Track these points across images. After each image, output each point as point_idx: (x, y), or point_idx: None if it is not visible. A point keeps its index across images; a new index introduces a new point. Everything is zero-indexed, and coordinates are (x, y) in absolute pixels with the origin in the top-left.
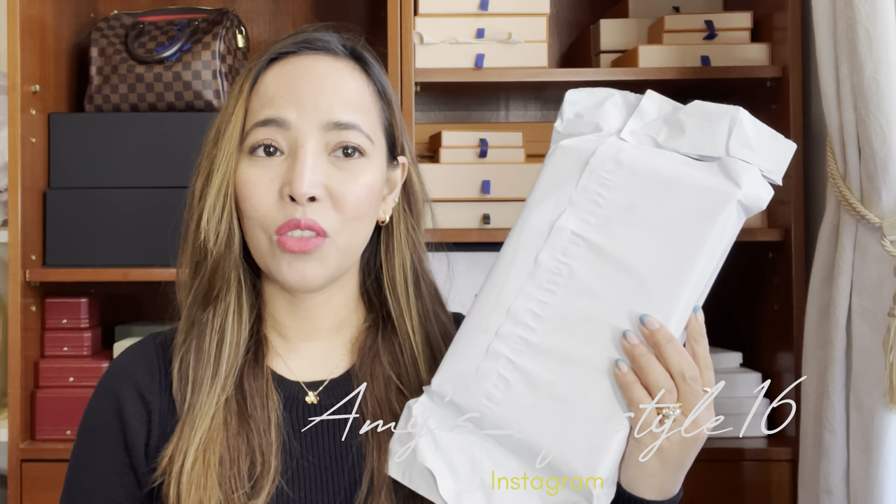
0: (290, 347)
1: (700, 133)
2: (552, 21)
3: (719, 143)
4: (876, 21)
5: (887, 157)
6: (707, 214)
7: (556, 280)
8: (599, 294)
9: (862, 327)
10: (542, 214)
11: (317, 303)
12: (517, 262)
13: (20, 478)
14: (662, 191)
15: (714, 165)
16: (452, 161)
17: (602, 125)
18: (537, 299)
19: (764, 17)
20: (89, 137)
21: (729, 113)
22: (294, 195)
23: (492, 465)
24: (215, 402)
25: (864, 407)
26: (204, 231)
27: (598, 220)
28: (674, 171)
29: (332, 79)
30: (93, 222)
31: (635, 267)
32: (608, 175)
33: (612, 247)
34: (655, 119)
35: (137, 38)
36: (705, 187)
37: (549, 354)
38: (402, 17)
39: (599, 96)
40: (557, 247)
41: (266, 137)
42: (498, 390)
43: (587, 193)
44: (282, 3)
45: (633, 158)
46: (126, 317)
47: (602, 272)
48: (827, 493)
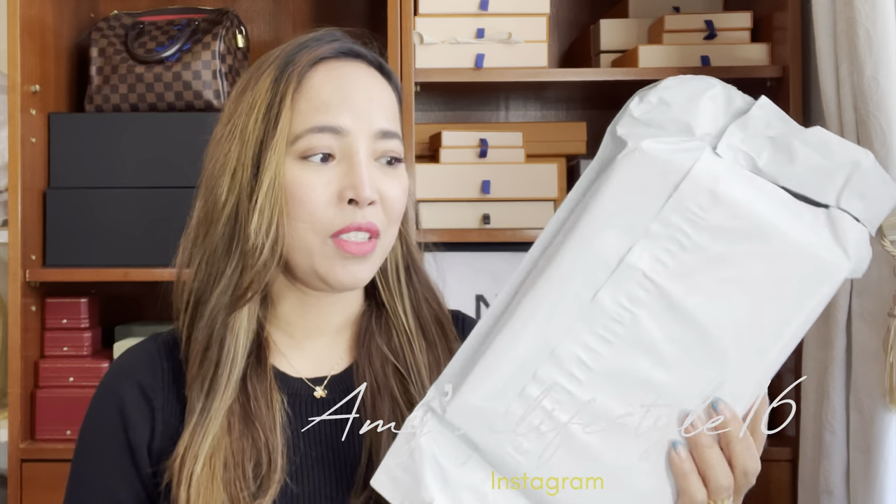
0: (294, 345)
1: (812, 171)
2: (552, 21)
3: (832, 190)
4: (876, 21)
5: (887, 157)
6: (810, 287)
7: (615, 329)
8: (664, 356)
9: (862, 327)
10: (610, 241)
11: (331, 301)
12: (570, 293)
13: (20, 478)
14: (762, 246)
15: (820, 215)
16: (452, 161)
17: (693, 126)
18: (589, 347)
19: (764, 17)
20: (89, 137)
21: (854, 157)
22: (358, 199)
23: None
24: (224, 405)
25: (864, 407)
26: (253, 235)
27: (678, 266)
28: (777, 221)
29: (376, 88)
30: (93, 222)
31: (714, 333)
32: (700, 211)
33: (690, 303)
34: (762, 133)
35: (137, 38)
36: (813, 255)
37: (596, 417)
38: (402, 17)
39: (698, 86)
40: (623, 289)
41: (324, 144)
42: (530, 442)
43: (669, 228)
44: (282, 3)
45: (731, 195)
46: (126, 317)
47: (672, 332)
48: (827, 494)
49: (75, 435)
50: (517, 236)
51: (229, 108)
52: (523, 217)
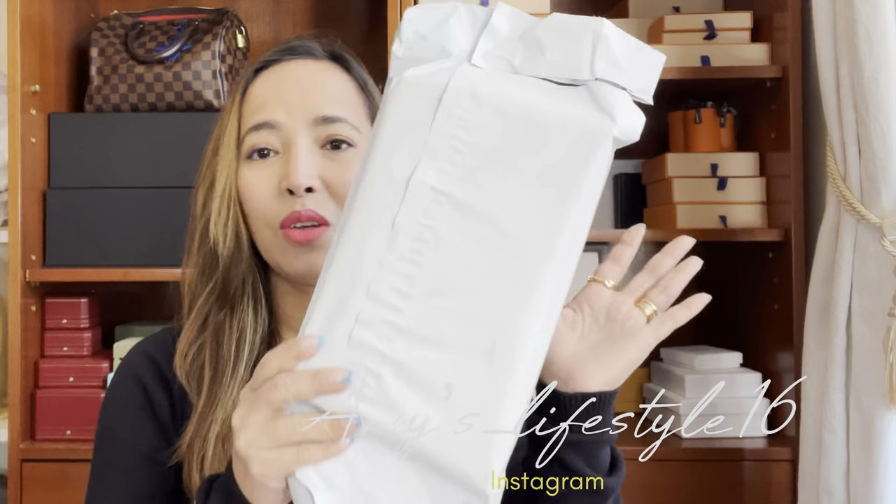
0: None
1: (561, 53)
2: None
3: (584, 64)
4: (876, 21)
5: (887, 157)
6: (582, 158)
7: (420, 248)
8: (469, 260)
9: (862, 327)
10: (396, 167)
11: None
12: (371, 226)
13: (20, 478)
14: (530, 132)
15: (581, 92)
16: None
17: (449, 47)
18: (401, 273)
19: (764, 17)
20: (89, 137)
21: (592, 27)
22: (291, 187)
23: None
24: (234, 394)
25: (864, 407)
26: (213, 235)
27: (460, 171)
28: (540, 105)
29: (316, 78)
30: (93, 222)
31: (506, 225)
32: (465, 114)
33: (478, 202)
34: (509, 38)
35: (137, 38)
36: (577, 126)
37: (420, 339)
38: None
39: (442, 12)
40: (418, 206)
41: (260, 140)
42: (369, 388)
43: (444, 138)
44: (282, 3)
45: (491, 93)
46: (126, 317)
47: (470, 233)
48: (827, 493)
49: (75, 435)
50: None
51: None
52: None
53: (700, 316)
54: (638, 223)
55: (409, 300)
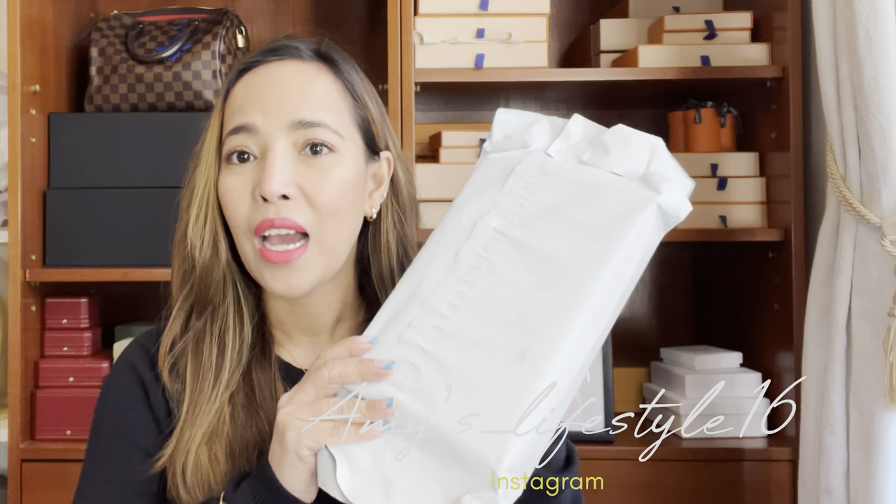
0: (293, 342)
1: (623, 153)
2: (552, 21)
3: (640, 164)
4: (876, 21)
5: (887, 157)
6: (627, 214)
7: (475, 273)
8: (517, 283)
9: (862, 327)
10: (466, 215)
11: (313, 302)
12: (437, 258)
13: (20, 478)
14: (585, 194)
15: (636, 178)
16: (452, 161)
17: (530, 144)
18: (455, 290)
19: (764, 17)
20: (89, 137)
21: (650, 142)
22: (264, 195)
23: (394, 458)
24: (218, 400)
25: (864, 407)
26: (190, 240)
27: (521, 219)
28: (596, 179)
29: (296, 81)
30: (93, 222)
31: (554, 258)
32: (533, 180)
33: (532, 241)
34: (581, 141)
35: (137, 38)
36: (627, 191)
37: (462, 342)
38: (402, 17)
39: (528, 119)
40: (479, 242)
41: (238, 144)
42: (407, 378)
43: (512, 196)
44: (282, 3)
45: (557, 168)
46: (126, 317)
47: (521, 263)
48: (827, 494)
49: (75, 435)
50: None
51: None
52: None
53: (700, 316)
54: None
55: (457, 310)
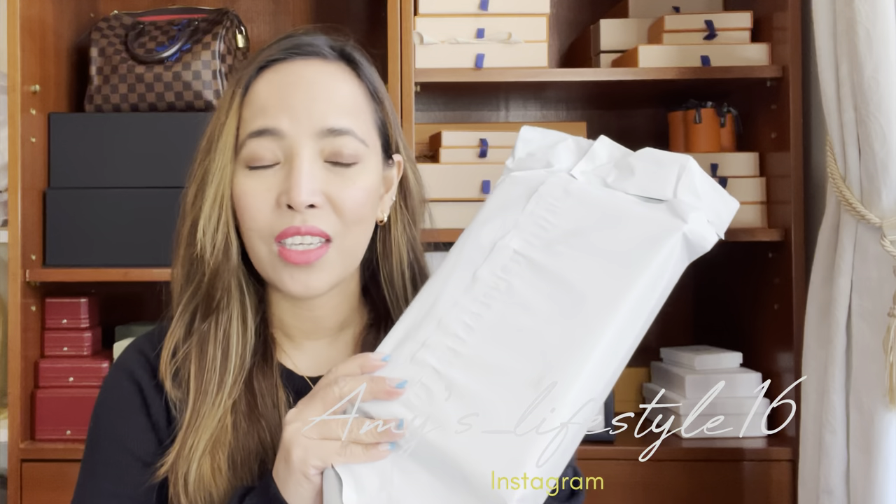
0: (295, 346)
1: (649, 176)
2: (552, 21)
3: (667, 188)
4: (876, 21)
5: (887, 157)
6: (651, 242)
7: (493, 294)
8: (535, 308)
9: (862, 327)
10: (486, 234)
11: (319, 304)
12: (455, 276)
13: (20, 478)
14: (609, 219)
15: (661, 205)
16: (452, 161)
17: (553, 163)
18: (471, 311)
19: (764, 17)
20: (89, 137)
21: (679, 161)
22: (292, 204)
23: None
24: (221, 407)
25: (864, 407)
26: (200, 242)
27: (542, 242)
28: (621, 204)
29: (324, 84)
30: (93, 222)
31: (574, 284)
32: (556, 202)
33: (553, 265)
34: (606, 163)
35: (137, 38)
36: (652, 218)
37: (477, 365)
38: (402, 17)
39: (553, 138)
40: (498, 263)
41: (260, 148)
42: (419, 399)
43: (533, 217)
44: (282, 3)
45: (581, 190)
46: (126, 317)
47: (540, 288)
48: (827, 493)
49: (75, 435)
50: None
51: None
52: None
53: (700, 316)
54: None
55: (473, 332)
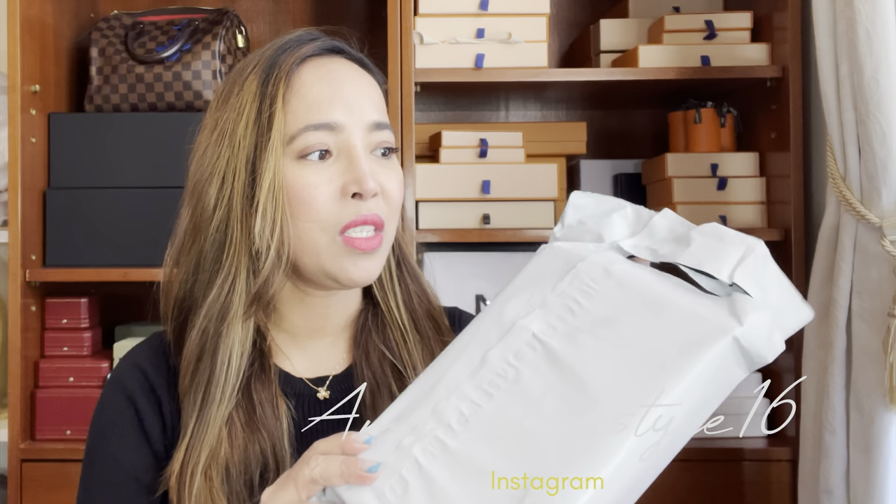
0: (297, 346)
1: (707, 250)
2: (552, 21)
3: (725, 266)
4: (876, 21)
5: (887, 157)
6: (693, 344)
7: (498, 383)
8: (541, 406)
9: (862, 327)
10: (510, 309)
11: (333, 300)
12: (465, 354)
13: (20, 478)
14: (648, 309)
15: (720, 300)
16: (452, 161)
17: (605, 236)
18: (471, 400)
19: (764, 17)
20: (89, 137)
21: (748, 242)
22: (363, 191)
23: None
24: (221, 418)
25: (864, 407)
26: (258, 237)
27: (565, 328)
28: (666, 291)
29: (363, 82)
30: (93, 222)
31: (590, 385)
32: (593, 283)
33: (572, 359)
34: (665, 238)
35: (137, 38)
36: (699, 314)
37: (463, 464)
38: (402, 17)
39: (609, 205)
40: (511, 347)
41: (319, 141)
42: (394, 494)
43: (564, 298)
44: (282, 3)
45: (624, 271)
46: (126, 317)
47: (552, 384)
48: (827, 494)
49: (75, 435)
50: (517, 236)
51: (213, 117)
52: (523, 217)
53: None
54: None
55: (468, 425)
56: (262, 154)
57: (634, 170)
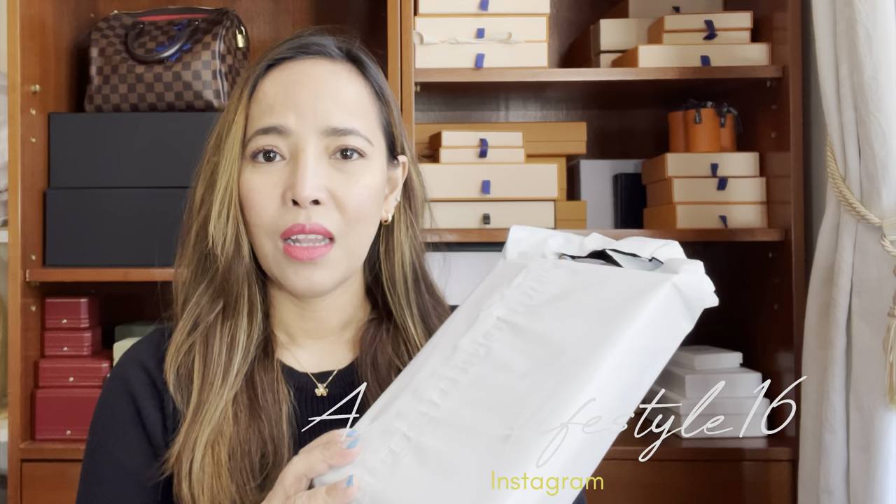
0: (297, 344)
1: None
2: (552, 21)
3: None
4: (876, 21)
5: (887, 157)
6: (639, 294)
7: (472, 360)
8: (512, 366)
9: (862, 327)
10: (473, 309)
11: (323, 305)
12: (437, 350)
13: (20, 478)
14: (596, 281)
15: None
16: (452, 161)
17: (546, 254)
18: (448, 378)
19: (764, 17)
20: (89, 137)
21: (665, 242)
22: (297, 199)
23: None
24: (224, 399)
25: (864, 407)
26: (212, 237)
27: (526, 308)
28: (611, 270)
29: (330, 83)
30: (93, 222)
31: (555, 340)
32: (545, 273)
33: (535, 326)
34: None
35: (137, 38)
36: (640, 276)
37: (449, 425)
38: (402, 17)
39: (542, 235)
40: (480, 331)
41: (267, 144)
42: (384, 465)
43: (521, 289)
44: (282, 3)
45: (571, 263)
46: (126, 317)
47: (520, 348)
48: (827, 493)
49: (75, 435)
50: None
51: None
52: (523, 217)
53: (701, 316)
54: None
55: (447, 397)
56: (222, 157)
57: (634, 170)
